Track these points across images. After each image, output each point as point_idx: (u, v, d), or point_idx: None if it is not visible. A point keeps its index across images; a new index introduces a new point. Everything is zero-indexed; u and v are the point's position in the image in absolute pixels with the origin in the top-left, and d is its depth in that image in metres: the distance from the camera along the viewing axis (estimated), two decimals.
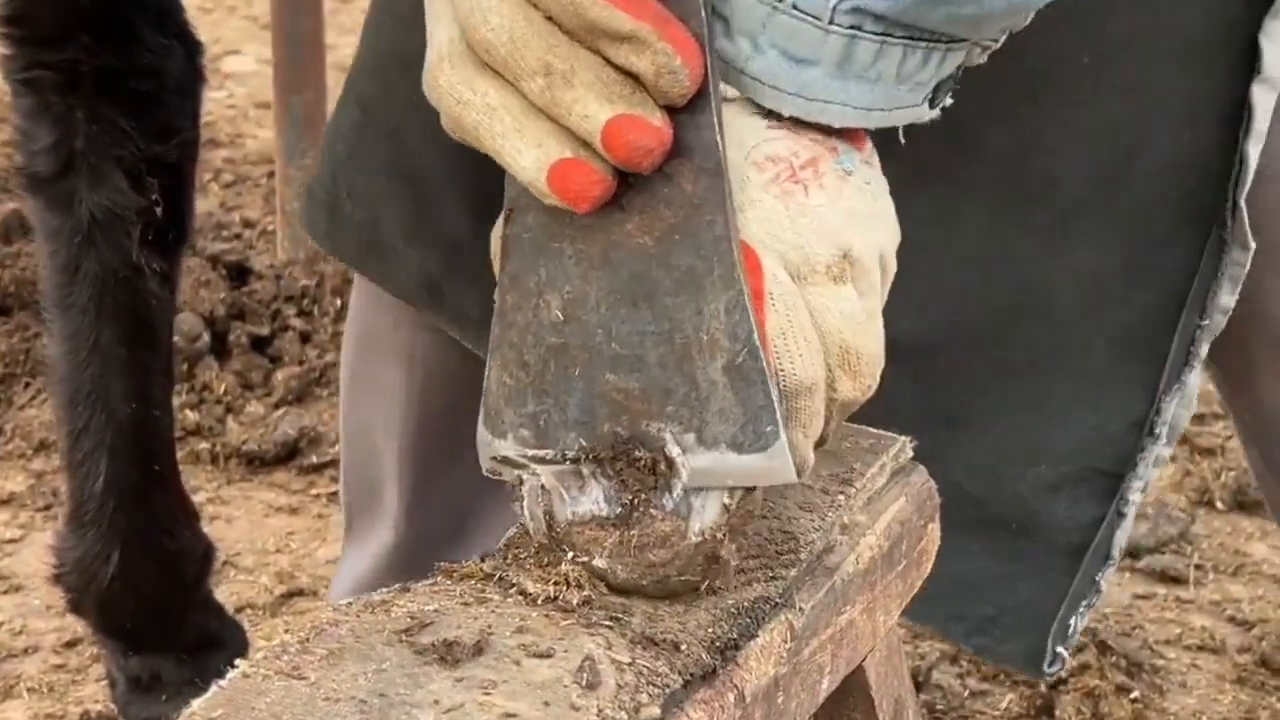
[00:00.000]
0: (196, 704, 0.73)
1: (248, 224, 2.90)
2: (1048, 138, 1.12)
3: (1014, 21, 0.86)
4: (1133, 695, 1.94)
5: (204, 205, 2.94)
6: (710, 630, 0.82)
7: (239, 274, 2.69)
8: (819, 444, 0.86)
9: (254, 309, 2.60)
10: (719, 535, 0.82)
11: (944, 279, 1.17)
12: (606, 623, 0.80)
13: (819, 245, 0.83)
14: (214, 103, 3.49)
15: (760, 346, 0.81)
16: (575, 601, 0.82)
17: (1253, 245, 1.12)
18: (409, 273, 1.23)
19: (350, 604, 0.81)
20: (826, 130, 0.85)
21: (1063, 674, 1.95)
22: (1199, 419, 2.56)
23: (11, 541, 2.21)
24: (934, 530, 1.02)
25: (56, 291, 1.45)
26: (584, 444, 0.83)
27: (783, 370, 0.82)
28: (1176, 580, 2.21)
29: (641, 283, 0.82)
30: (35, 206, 1.43)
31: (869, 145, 0.87)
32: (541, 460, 0.84)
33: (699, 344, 0.81)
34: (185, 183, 1.44)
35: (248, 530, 2.27)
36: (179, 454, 2.35)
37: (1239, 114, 1.10)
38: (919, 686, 1.94)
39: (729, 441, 0.81)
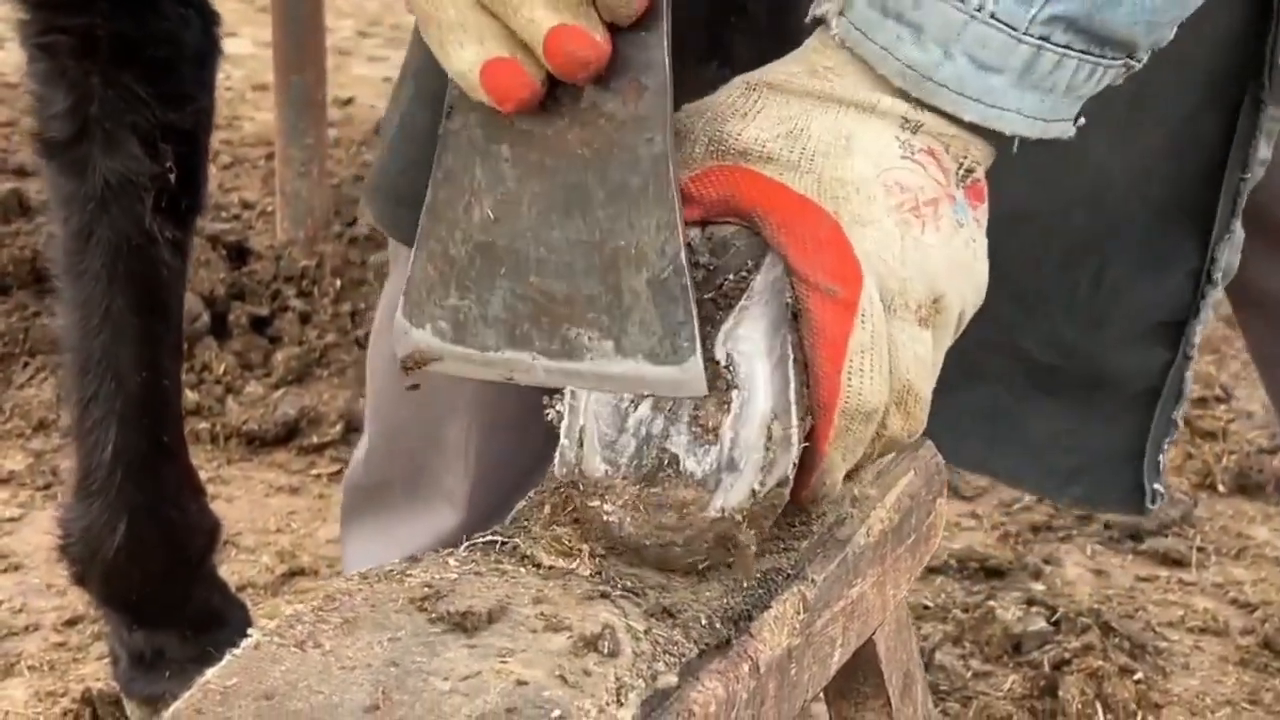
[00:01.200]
0: (210, 673, 0.73)
1: (246, 205, 2.91)
2: None
3: (1166, 33, 0.91)
4: (1136, 677, 1.94)
5: None
6: (723, 601, 0.82)
7: (238, 254, 2.69)
8: (850, 473, 0.87)
9: (253, 289, 2.60)
10: (738, 518, 0.82)
11: (1010, 185, 1.22)
12: (621, 593, 0.81)
13: (919, 283, 0.86)
14: None
15: (685, 267, 0.82)
16: (588, 573, 0.82)
17: None
18: None
19: (363, 574, 0.81)
20: (950, 175, 0.88)
21: (1066, 655, 1.96)
22: (1200, 402, 2.58)
23: (11, 520, 2.21)
24: (942, 504, 1.03)
25: (68, 259, 1.45)
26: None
27: (851, 387, 0.84)
28: (1179, 563, 2.22)
29: (576, 192, 0.83)
30: (49, 172, 1.43)
31: (984, 206, 0.91)
32: (456, 357, 0.85)
33: (626, 256, 0.83)
34: (199, 151, 1.44)
35: (248, 510, 2.28)
36: (186, 442, 2.36)
37: None
38: (923, 667, 1.96)
39: (646, 352, 0.83)
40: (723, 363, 0.83)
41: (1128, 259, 1.26)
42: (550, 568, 0.83)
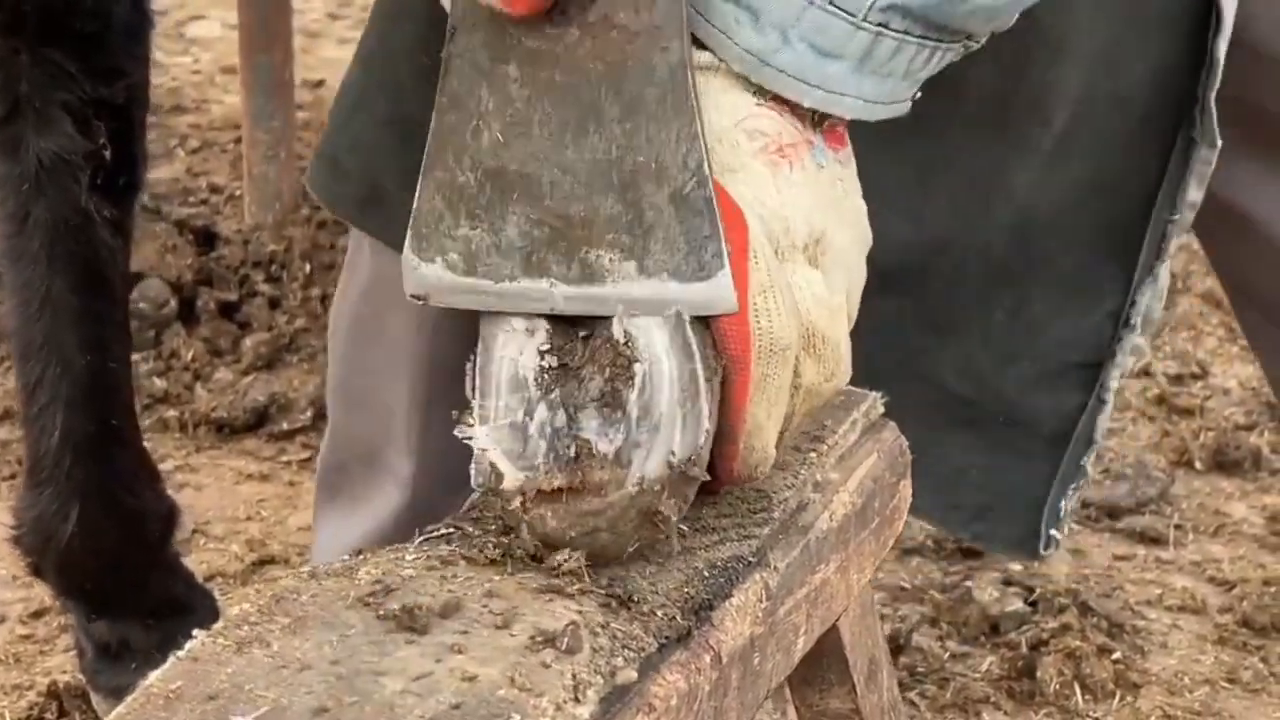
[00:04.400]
0: (154, 676, 0.71)
1: (214, 189, 2.90)
2: (1030, 78, 1.17)
3: (1007, 20, 0.90)
4: (1114, 656, 1.93)
5: (170, 171, 2.94)
6: (683, 590, 0.81)
7: (206, 239, 2.68)
8: (781, 433, 0.86)
9: (222, 275, 2.59)
10: (657, 488, 0.80)
11: (928, 212, 1.22)
12: (577, 586, 0.79)
13: (799, 221, 0.85)
14: (179, 68, 3.49)
15: (709, 177, 0.79)
16: (543, 564, 0.81)
17: (1219, 143, 1.17)
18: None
19: (310, 571, 0.80)
20: (807, 120, 0.87)
21: (1043, 636, 1.95)
22: (1177, 379, 2.57)
23: None
24: (906, 487, 1.02)
25: (6, 242, 1.43)
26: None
27: (760, 328, 0.82)
28: (1156, 541, 2.20)
29: (590, 109, 0.80)
30: None
31: (848, 149, 0.90)
32: (469, 290, 0.82)
33: (646, 171, 0.80)
34: (134, 127, 1.43)
35: (218, 498, 2.26)
36: (147, 422, 2.35)
37: (1206, 17, 1.15)
38: (899, 649, 1.93)
39: (671, 270, 0.80)
40: (621, 340, 0.81)
41: (1048, 295, 1.25)
42: (505, 562, 0.81)
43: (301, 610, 0.76)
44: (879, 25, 0.85)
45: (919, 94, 0.92)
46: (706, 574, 0.83)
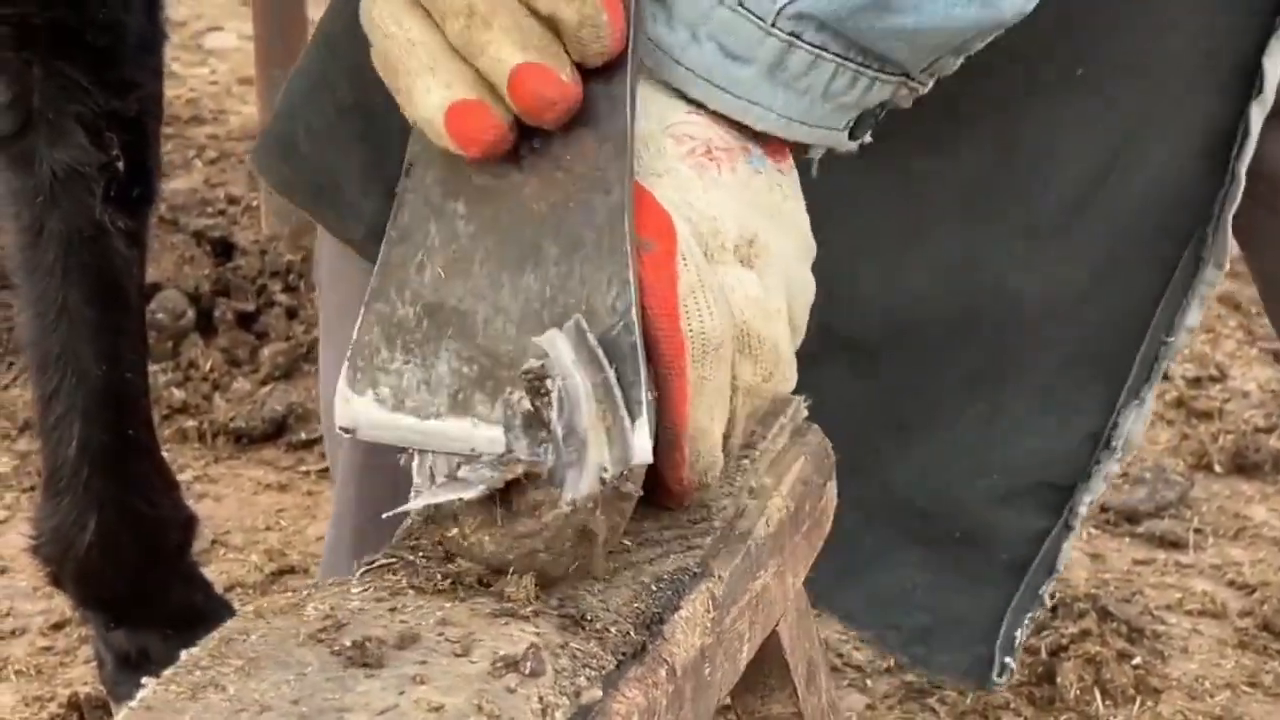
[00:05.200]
0: None
1: (232, 200, 2.91)
2: (1027, 147, 1.13)
3: (944, 56, 0.87)
4: (1134, 661, 1.93)
5: (188, 182, 2.95)
6: (634, 605, 0.80)
7: (224, 250, 2.69)
8: (726, 436, 0.85)
9: (239, 285, 2.60)
10: (590, 505, 0.79)
11: (906, 279, 1.18)
12: (529, 609, 0.79)
13: (728, 221, 0.84)
14: (197, 79, 3.50)
15: (636, 324, 0.80)
16: (492, 589, 0.80)
17: (1226, 266, 1.13)
18: (362, 221, 1.20)
19: (257, 610, 0.78)
20: (744, 131, 0.86)
21: (1063, 641, 1.95)
22: (1195, 382, 2.56)
23: None
24: (832, 489, 1.02)
25: (21, 255, 1.45)
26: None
27: (692, 329, 0.81)
28: (1176, 545, 2.20)
29: (529, 248, 0.81)
30: None
31: (789, 163, 0.88)
32: (395, 426, 0.82)
33: (576, 312, 0.80)
34: (148, 139, 1.44)
35: (236, 508, 2.27)
36: (165, 433, 2.36)
37: (1230, 134, 1.10)
38: None
39: None
40: (535, 359, 0.81)
41: (1025, 404, 1.20)
42: (453, 589, 0.80)
43: (253, 651, 0.74)
44: (790, 34, 0.84)
45: (869, 138, 0.89)
46: (654, 587, 0.82)
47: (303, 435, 2.41)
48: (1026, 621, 1.26)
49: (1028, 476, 1.22)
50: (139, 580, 1.66)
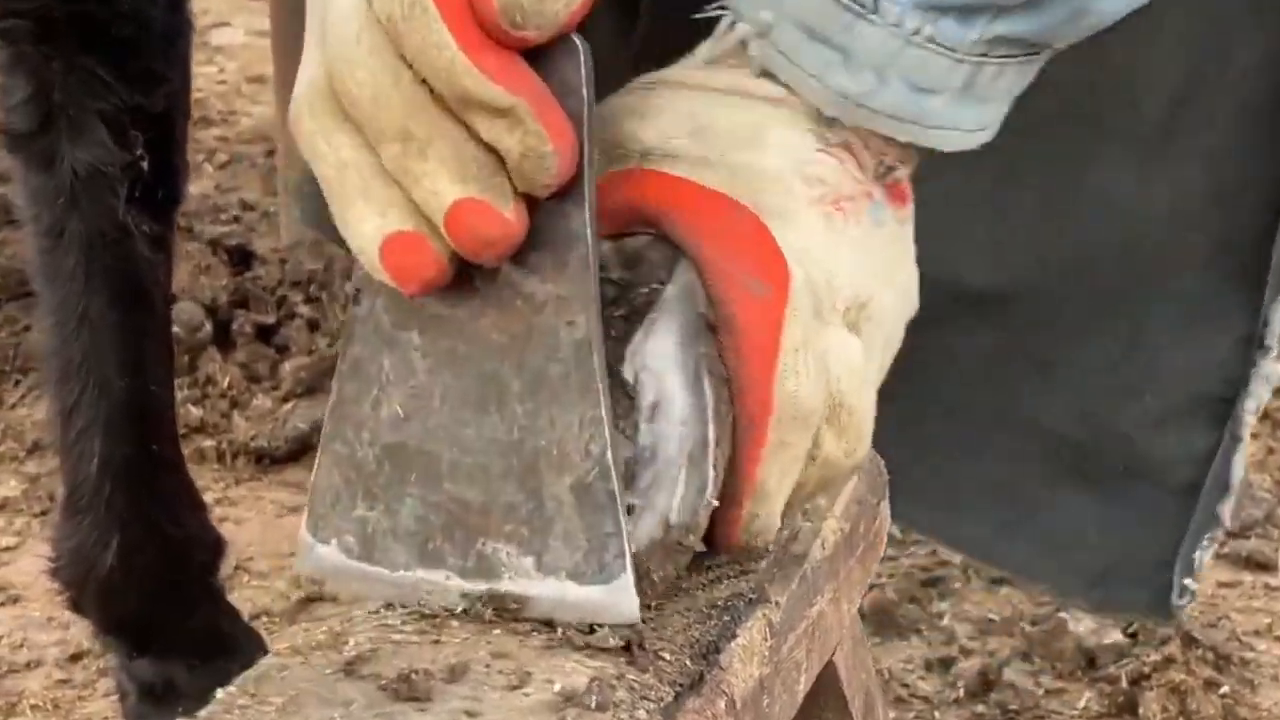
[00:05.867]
0: None
1: (247, 206, 2.94)
2: (1115, 60, 1.17)
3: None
4: (1222, 690, 1.93)
5: (199, 187, 2.97)
6: (689, 634, 0.83)
7: (241, 259, 2.72)
8: (788, 504, 0.88)
9: (258, 296, 2.63)
10: (647, 554, 0.82)
11: (1020, 223, 1.22)
12: (581, 639, 0.81)
13: (844, 281, 0.87)
14: (204, 78, 3.53)
15: (613, 469, 0.81)
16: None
17: None
18: None
19: (293, 647, 0.81)
20: (868, 172, 0.89)
21: (1145, 669, 1.95)
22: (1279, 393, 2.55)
23: (7, 550, 2.25)
24: (885, 509, 1.04)
25: (41, 258, 1.47)
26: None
27: (785, 390, 0.84)
28: (1264, 566, 2.21)
29: (491, 384, 0.82)
30: (16, 166, 1.46)
31: (909, 208, 0.92)
32: (363, 577, 0.84)
33: (547, 457, 0.82)
34: (174, 137, 1.46)
35: (260, 532, 2.30)
36: (183, 453, 2.40)
37: None
38: (989, 686, 1.96)
39: (570, 570, 0.81)
40: (630, 382, 0.84)
41: (1167, 320, 1.23)
42: (495, 617, 0.83)
43: (293, 688, 0.75)
44: (981, 55, 0.87)
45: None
46: (708, 614, 0.83)
47: None
48: (1205, 542, 1.27)
49: (1182, 393, 1.24)
50: (165, 604, 1.67)
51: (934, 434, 1.25)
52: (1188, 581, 1.28)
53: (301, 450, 2.44)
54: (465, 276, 0.82)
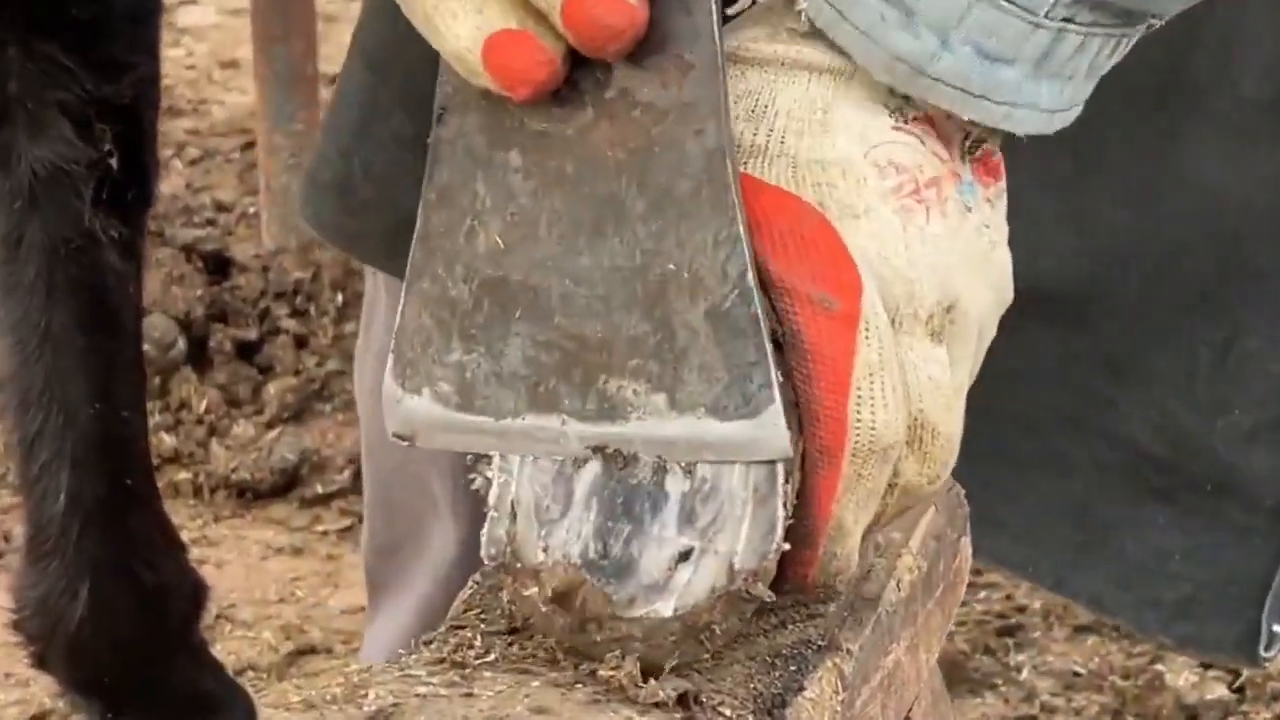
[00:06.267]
0: None
1: (222, 207, 2.95)
2: (1209, 33, 1.16)
3: None
4: None
5: (168, 186, 2.98)
6: (750, 686, 0.82)
7: (218, 266, 2.73)
8: (865, 538, 0.86)
9: (238, 309, 2.65)
10: (710, 603, 0.81)
11: (1100, 216, 1.20)
12: (633, 689, 0.80)
13: (928, 285, 0.85)
14: (171, 63, 3.54)
15: (755, 290, 0.80)
16: (581, 668, 0.81)
17: None
18: None
19: (305, 700, 0.80)
20: (954, 145, 0.87)
21: None
22: None
23: None
24: (966, 545, 1.03)
25: None
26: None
27: (860, 420, 0.82)
28: None
29: (609, 205, 0.81)
30: None
31: (1001, 184, 0.89)
32: (465, 428, 0.82)
33: (677, 282, 0.80)
34: (144, 130, 1.44)
35: (243, 577, 2.32)
36: (158, 487, 2.39)
37: None
38: None
39: (709, 405, 0.80)
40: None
41: (1262, 323, 1.22)
42: (535, 669, 0.82)
43: None
44: (1063, 20, 0.85)
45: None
46: (772, 663, 0.83)
47: (318, 489, 2.44)
48: None
49: (1277, 405, 1.23)
50: (140, 659, 1.66)
51: (1002, 449, 1.24)
52: (1277, 628, 1.26)
53: (288, 484, 2.46)
54: (572, 86, 0.80)
